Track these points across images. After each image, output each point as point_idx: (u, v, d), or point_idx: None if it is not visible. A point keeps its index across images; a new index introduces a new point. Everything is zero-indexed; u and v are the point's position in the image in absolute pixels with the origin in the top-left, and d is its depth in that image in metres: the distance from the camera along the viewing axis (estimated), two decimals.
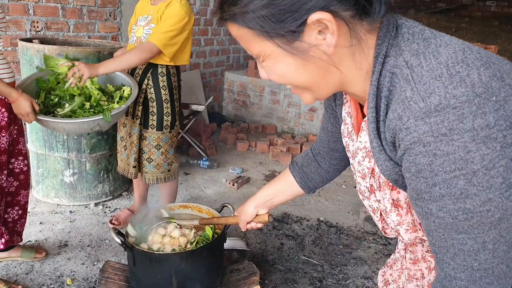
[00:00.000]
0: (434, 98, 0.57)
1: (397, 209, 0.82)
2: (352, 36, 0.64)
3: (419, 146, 0.58)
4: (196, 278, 1.78)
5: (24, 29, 3.14)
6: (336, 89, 0.72)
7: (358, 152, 0.83)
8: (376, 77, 0.65)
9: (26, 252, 2.32)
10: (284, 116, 5.11)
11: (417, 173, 0.60)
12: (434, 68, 0.59)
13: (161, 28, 2.26)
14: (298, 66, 0.67)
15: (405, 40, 0.64)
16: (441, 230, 0.62)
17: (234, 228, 2.83)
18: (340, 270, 2.50)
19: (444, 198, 0.58)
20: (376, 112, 0.67)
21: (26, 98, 1.89)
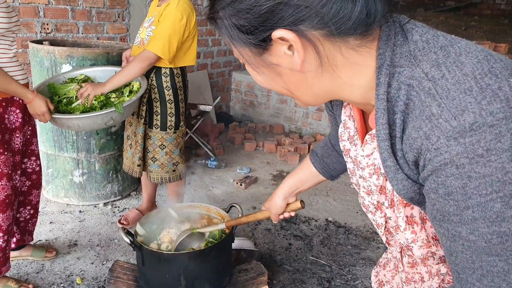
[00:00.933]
0: (468, 115, 0.52)
1: (411, 226, 0.78)
2: (321, 56, 0.60)
3: (451, 168, 0.54)
4: (204, 277, 1.79)
5: (34, 31, 3.18)
6: (324, 99, 0.70)
7: (363, 166, 0.78)
8: (384, 90, 0.61)
9: (37, 251, 2.35)
10: (291, 116, 5.10)
11: (446, 196, 0.56)
12: (461, 81, 0.54)
13: (157, 32, 2.27)
14: (272, 76, 0.65)
15: (420, 49, 0.59)
16: (469, 253, 0.58)
17: (242, 228, 2.83)
18: (349, 270, 2.49)
19: (477, 222, 0.55)
20: (390, 129, 0.62)
21: (41, 98, 1.92)
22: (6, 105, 1.92)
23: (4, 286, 2.05)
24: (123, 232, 1.78)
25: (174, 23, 2.25)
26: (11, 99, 1.93)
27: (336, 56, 0.61)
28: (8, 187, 1.97)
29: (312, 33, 0.57)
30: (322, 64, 0.61)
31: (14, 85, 1.84)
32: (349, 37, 0.59)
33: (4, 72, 1.81)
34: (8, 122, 1.94)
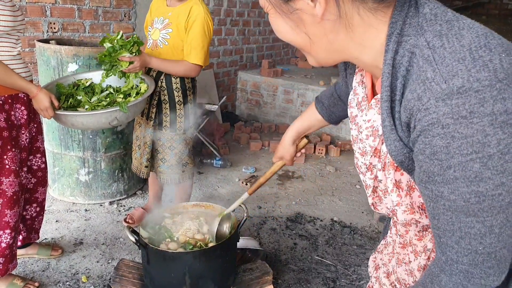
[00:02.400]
0: (457, 80, 0.57)
1: (398, 190, 0.83)
2: (341, 11, 0.65)
3: (437, 127, 0.58)
4: (209, 276, 1.78)
5: (41, 30, 3.20)
6: (336, 58, 0.74)
7: (362, 129, 0.83)
8: (391, 56, 0.65)
9: (43, 249, 2.36)
10: (297, 115, 5.05)
11: (431, 155, 0.60)
12: (457, 51, 0.59)
13: (194, 41, 2.29)
14: (292, 27, 0.70)
15: (427, 20, 0.64)
16: (450, 213, 0.62)
17: (247, 227, 2.83)
18: (354, 270, 2.48)
19: (458, 181, 0.59)
20: (391, 91, 0.67)
21: (45, 93, 1.93)
22: (12, 102, 1.93)
23: (10, 284, 2.07)
24: (128, 230, 1.78)
25: (208, 31, 2.32)
26: (16, 96, 1.94)
27: (353, 15, 0.66)
28: (15, 184, 1.98)
29: None
30: (340, 18, 0.66)
31: (19, 80, 1.85)
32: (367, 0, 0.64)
33: (8, 68, 1.82)
34: (15, 119, 1.96)
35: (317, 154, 4.36)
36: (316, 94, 4.87)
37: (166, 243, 1.83)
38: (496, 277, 0.65)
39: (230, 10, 5.04)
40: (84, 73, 2.48)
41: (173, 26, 2.32)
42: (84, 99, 2.23)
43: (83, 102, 2.21)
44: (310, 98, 4.94)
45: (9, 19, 1.82)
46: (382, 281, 1.08)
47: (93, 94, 2.31)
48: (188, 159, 2.62)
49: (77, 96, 2.24)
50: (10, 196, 1.97)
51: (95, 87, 2.36)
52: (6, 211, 1.97)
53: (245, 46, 5.47)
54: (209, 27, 2.32)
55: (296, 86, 5.02)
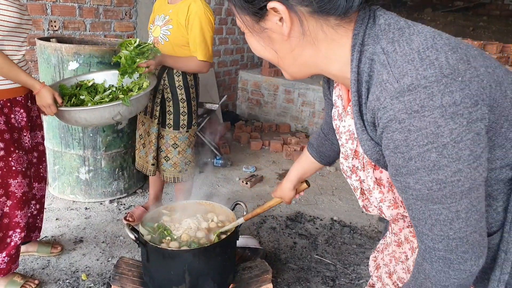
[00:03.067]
0: (407, 79, 0.62)
1: (379, 187, 0.88)
2: (304, 29, 0.70)
3: (395, 123, 0.63)
4: (208, 275, 1.79)
5: (42, 28, 3.20)
6: (306, 71, 0.79)
7: (343, 135, 0.89)
8: (355, 64, 0.70)
9: (43, 247, 2.36)
10: (298, 115, 5.09)
11: (394, 149, 0.65)
12: (407, 53, 0.64)
13: (197, 38, 2.31)
14: (264, 44, 0.76)
15: (382, 30, 0.69)
16: (419, 202, 0.67)
17: (247, 226, 2.83)
18: (353, 269, 2.48)
19: (420, 171, 0.63)
20: (358, 96, 0.72)
21: (48, 90, 1.93)
22: (11, 106, 1.93)
23: (11, 281, 2.07)
24: (128, 228, 1.78)
25: (209, 27, 2.34)
26: (14, 100, 1.94)
27: (318, 32, 0.71)
28: (24, 184, 1.99)
29: (299, 8, 0.68)
30: (305, 35, 0.71)
31: (23, 75, 1.86)
32: (330, 17, 0.69)
33: (12, 62, 1.82)
34: (15, 122, 1.96)
35: None
36: (316, 94, 4.89)
37: (166, 242, 1.83)
38: (473, 262, 0.69)
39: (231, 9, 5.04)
40: (86, 75, 2.48)
41: (174, 22, 2.33)
42: (87, 98, 2.23)
43: (86, 101, 2.22)
44: (311, 98, 4.95)
45: (16, 16, 1.81)
46: (384, 281, 1.10)
47: (96, 94, 2.31)
48: (191, 157, 2.62)
49: (80, 96, 2.25)
50: (20, 197, 1.98)
51: (98, 87, 2.36)
52: (16, 212, 1.99)
53: (246, 45, 5.47)
54: (210, 21, 2.34)
55: (297, 85, 5.02)
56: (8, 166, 1.92)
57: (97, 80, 2.43)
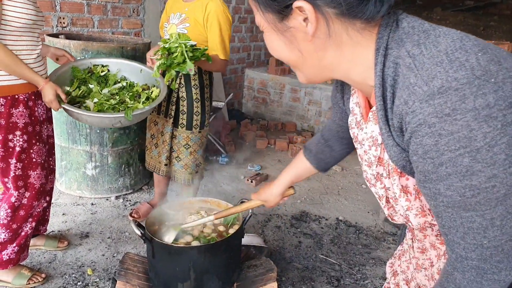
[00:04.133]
0: (437, 81, 0.60)
1: (406, 195, 0.84)
2: (330, 31, 0.69)
3: (424, 127, 0.61)
4: (213, 272, 1.79)
5: (51, 25, 3.22)
6: (325, 75, 0.77)
7: (365, 142, 0.86)
8: (380, 68, 0.69)
9: (50, 241, 2.39)
10: (304, 114, 5.08)
11: (424, 155, 0.63)
12: (435, 56, 0.62)
13: (218, 37, 2.31)
14: (285, 44, 0.74)
15: (406, 33, 0.68)
16: (450, 210, 0.64)
17: (252, 225, 2.83)
18: (359, 270, 2.47)
19: (451, 177, 0.61)
20: (383, 101, 0.70)
21: (51, 86, 1.95)
22: (35, 99, 1.98)
23: (18, 274, 2.09)
24: (134, 224, 1.79)
25: (228, 26, 2.34)
26: (38, 93, 1.99)
27: (342, 34, 0.70)
28: (42, 176, 2.05)
29: (326, 9, 0.67)
30: (330, 37, 0.70)
31: (27, 71, 1.88)
32: (356, 20, 0.68)
33: (18, 58, 1.84)
34: (38, 115, 2.02)
35: None
36: (323, 93, 4.88)
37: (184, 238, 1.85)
38: (508, 271, 0.65)
39: (239, 8, 5.04)
40: (101, 58, 2.46)
41: (191, 20, 2.32)
42: (96, 89, 2.23)
43: (94, 92, 2.22)
44: (317, 97, 4.93)
45: (33, 13, 1.86)
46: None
47: (105, 85, 2.32)
48: (201, 158, 2.62)
49: (89, 84, 2.25)
50: (38, 188, 2.04)
51: (109, 78, 2.35)
52: (33, 203, 2.04)
53: (253, 43, 5.47)
54: (229, 20, 2.34)
55: (303, 84, 5.01)
56: (29, 158, 1.98)
57: (111, 68, 2.42)
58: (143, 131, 2.82)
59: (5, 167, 1.95)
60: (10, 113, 1.87)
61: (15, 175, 1.96)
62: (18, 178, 1.97)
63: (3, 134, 1.88)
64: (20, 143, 1.93)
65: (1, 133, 1.88)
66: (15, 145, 1.92)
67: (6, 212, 1.98)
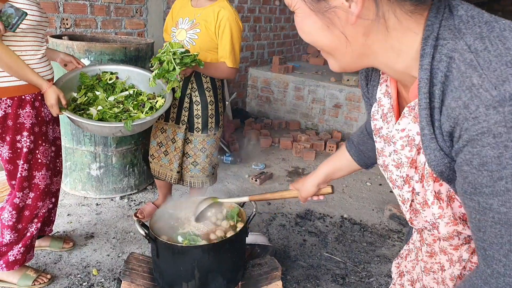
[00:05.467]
0: (509, 85, 0.53)
1: (439, 202, 0.78)
2: (379, 12, 0.61)
3: (488, 137, 0.55)
4: (218, 271, 1.79)
5: (54, 26, 3.23)
6: (363, 63, 0.70)
7: (396, 140, 0.79)
8: (428, 61, 0.62)
9: (55, 242, 2.40)
10: (308, 112, 5.07)
11: (480, 166, 0.57)
12: (503, 54, 0.55)
13: (229, 45, 2.30)
14: (322, 28, 0.65)
15: (464, 23, 0.60)
16: (499, 226, 0.59)
17: (256, 223, 2.83)
18: (364, 267, 2.47)
19: (510, 193, 0.55)
20: (430, 99, 0.63)
21: (53, 91, 1.96)
22: (42, 99, 1.99)
23: (24, 275, 2.10)
24: (138, 224, 1.79)
25: (239, 34, 2.34)
26: None
27: (390, 17, 0.62)
28: (47, 177, 2.06)
29: None
30: (377, 19, 0.62)
31: (31, 74, 1.89)
32: (406, 1, 0.61)
33: (22, 62, 1.85)
34: (44, 115, 2.03)
35: (327, 151, 4.34)
36: (327, 91, 4.87)
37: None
38: None
39: (241, 6, 5.03)
40: (111, 65, 2.46)
41: (201, 26, 2.30)
42: (102, 96, 2.24)
43: (99, 100, 2.22)
44: (321, 95, 4.92)
45: (37, 14, 1.87)
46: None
47: (112, 92, 2.32)
48: (216, 160, 2.61)
49: (96, 91, 2.26)
50: (43, 189, 2.05)
51: (117, 85, 2.35)
52: (38, 203, 2.05)
53: (256, 42, 5.47)
54: (240, 28, 2.33)
55: (307, 82, 5.00)
56: (35, 159, 1.99)
57: (121, 75, 2.42)
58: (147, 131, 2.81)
59: (13, 169, 1.96)
60: (18, 114, 1.89)
61: (21, 176, 1.97)
62: (24, 179, 1.98)
63: (11, 135, 1.90)
64: (27, 144, 1.94)
65: (9, 134, 1.89)
66: (22, 146, 1.93)
67: (11, 213, 1.99)
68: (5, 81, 1.85)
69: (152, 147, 2.62)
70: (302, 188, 1.30)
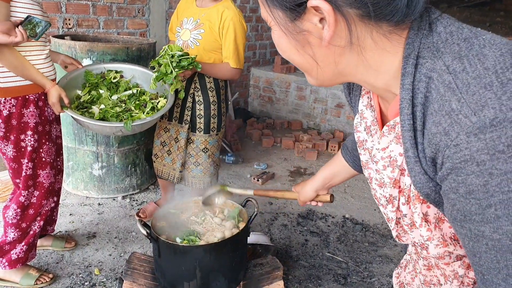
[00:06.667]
0: (489, 111, 0.51)
1: (427, 224, 0.77)
2: (352, 36, 0.59)
3: (471, 165, 0.53)
4: (219, 270, 1.79)
5: (56, 26, 3.24)
6: (340, 81, 0.69)
7: (377, 159, 0.77)
8: (410, 80, 0.60)
9: (57, 241, 2.40)
10: (310, 112, 5.07)
11: (467, 194, 0.55)
12: (482, 75, 0.53)
13: (232, 45, 2.30)
14: (296, 47, 0.64)
15: (443, 41, 0.58)
16: (494, 252, 0.57)
17: (258, 223, 2.83)
18: (365, 267, 2.46)
19: (501, 220, 0.53)
20: (413, 121, 0.61)
21: (56, 89, 1.98)
22: (45, 99, 2.01)
23: (26, 274, 2.11)
24: (140, 224, 1.79)
25: (243, 35, 2.33)
26: None
27: (366, 39, 0.60)
28: (51, 175, 2.08)
29: (348, 10, 0.57)
30: (351, 43, 0.60)
31: (35, 74, 1.90)
32: (383, 23, 0.59)
33: (26, 61, 1.87)
34: (48, 114, 2.04)
35: (329, 151, 4.34)
36: (329, 91, 4.86)
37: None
38: None
39: (243, 6, 5.03)
40: (116, 64, 2.47)
41: (205, 27, 2.30)
42: (105, 95, 2.25)
43: (102, 98, 2.24)
44: (323, 95, 4.92)
45: (38, 14, 1.88)
46: None
47: (116, 91, 2.32)
48: (218, 161, 2.60)
49: (100, 90, 2.27)
50: (47, 187, 2.07)
51: (121, 84, 2.35)
52: (42, 202, 2.07)
53: (258, 42, 5.47)
54: (244, 29, 2.32)
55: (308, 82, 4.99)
56: (39, 158, 2.01)
57: (126, 74, 2.43)
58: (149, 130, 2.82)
59: (17, 167, 1.98)
60: (22, 113, 1.91)
61: (26, 175, 1.98)
62: (29, 177, 2.00)
63: (15, 135, 1.91)
64: (32, 143, 1.96)
65: (13, 133, 1.91)
66: (26, 145, 1.95)
67: (16, 211, 2.00)
68: (9, 81, 1.86)
69: (155, 146, 2.63)
70: (301, 192, 1.30)
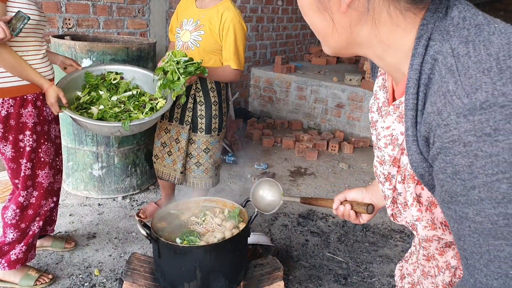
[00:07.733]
0: (481, 94, 0.52)
1: (418, 205, 0.78)
2: (370, 5, 0.61)
3: (458, 145, 0.54)
4: (219, 271, 1.79)
5: (56, 26, 3.23)
6: (355, 51, 0.71)
7: (381, 137, 0.78)
8: (418, 62, 0.61)
9: (57, 242, 2.40)
10: (310, 112, 5.06)
11: (453, 175, 0.56)
12: (483, 60, 0.54)
13: (232, 47, 2.28)
14: (316, 10, 0.66)
15: (454, 24, 0.59)
16: (476, 236, 0.58)
17: (259, 223, 2.82)
18: (366, 267, 2.46)
19: (484, 202, 0.54)
20: (417, 100, 0.62)
21: (54, 90, 1.98)
22: (43, 99, 2.00)
23: (26, 275, 2.10)
24: (140, 224, 1.79)
25: (243, 36, 2.32)
26: None
27: (382, 12, 0.62)
28: (50, 175, 2.08)
29: None
30: (368, 11, 0.62)
31: (33, 74, 1.90)
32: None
33: (24, 62, 1.87)
34: (46, 114, 2.04)
35: (330, 151, 4.33)
36: (329, 91, 4.86)
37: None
38: None
39: (244, 6, 5.03)
40: (116, 65, 2.46)
41: (206, 28, 2.29)
42: (105, 96, 2.25)
43: (102, 99, 2.23)
44: (323, 95, 4.91)
45: (36, 13, 1.87)
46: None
47: (116, 92, 2.32)
48: (220, 161, 2.60)
49: (99, 91, 2.26)
50: (46, 187, 2.06)
51: (120, 85, 2.35)
52: (42, 202, 2.07)
53: (259, 42, 5.46)
54: (244, 30, 2.31)
55: (309, 82, 4.99)
56: (37, 158, 2.00)
57: (126, 75, 2.42)
58: (149, 130, 2.82)
59: (16, 167, 1.97)
60: (20, 113, 1.90)
61: (25, 175, 1.98)
62: (28, 178, 1.99)
63: (14, 135, 1.91)
64: (30, 143, 1.95)
65: (11, 133, 1.90)
66: (25, 145, 1.95)
67: (15, 212, 1.99)
68: (7, 82, 1.85)
69: (156, 147, 2.61)
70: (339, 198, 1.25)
